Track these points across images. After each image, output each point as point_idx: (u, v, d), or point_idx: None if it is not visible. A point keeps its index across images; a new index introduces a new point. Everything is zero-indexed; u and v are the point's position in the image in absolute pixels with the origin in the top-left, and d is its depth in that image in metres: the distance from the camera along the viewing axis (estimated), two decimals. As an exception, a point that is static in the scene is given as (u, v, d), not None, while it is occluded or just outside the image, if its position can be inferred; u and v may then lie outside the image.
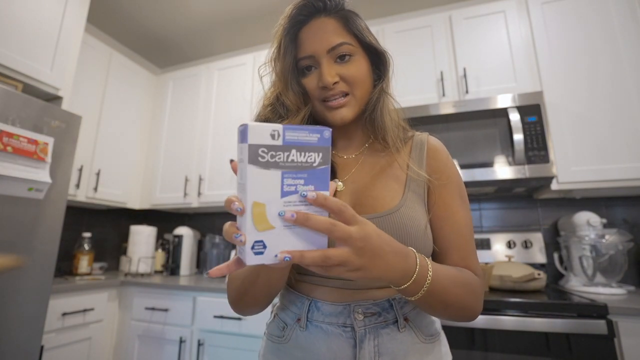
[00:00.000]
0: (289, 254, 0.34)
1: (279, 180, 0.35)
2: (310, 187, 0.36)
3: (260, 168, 0.35)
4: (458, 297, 0.47)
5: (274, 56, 0.60)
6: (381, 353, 0.49)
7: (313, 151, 0.36)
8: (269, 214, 0.35)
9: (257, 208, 0.35)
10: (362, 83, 0.56)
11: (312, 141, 0.36)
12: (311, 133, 0.36)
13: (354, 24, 0.56)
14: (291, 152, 0.35)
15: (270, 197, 0.35)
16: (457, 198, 0.57)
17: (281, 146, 0.35)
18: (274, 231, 0.35)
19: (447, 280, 0.46)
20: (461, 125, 1.58)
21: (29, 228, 1.31)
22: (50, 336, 1.49)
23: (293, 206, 0.36)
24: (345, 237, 0.35)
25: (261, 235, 0.35)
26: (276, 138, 0.35)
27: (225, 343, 1.57)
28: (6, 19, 1.45)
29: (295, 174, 0.36)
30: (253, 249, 0.35)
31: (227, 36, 2.57)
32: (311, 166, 0.36)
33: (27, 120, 1.32)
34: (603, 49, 1.52)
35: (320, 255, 0.34)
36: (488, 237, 1.74)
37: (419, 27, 1.86)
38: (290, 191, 0.36)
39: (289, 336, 0.54)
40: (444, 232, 0.56)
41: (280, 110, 0.58)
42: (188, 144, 2.30)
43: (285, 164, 0.35)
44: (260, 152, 0.34)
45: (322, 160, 0.37)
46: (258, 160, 0.34)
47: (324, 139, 0.37)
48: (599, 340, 1.06)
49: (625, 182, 1.40)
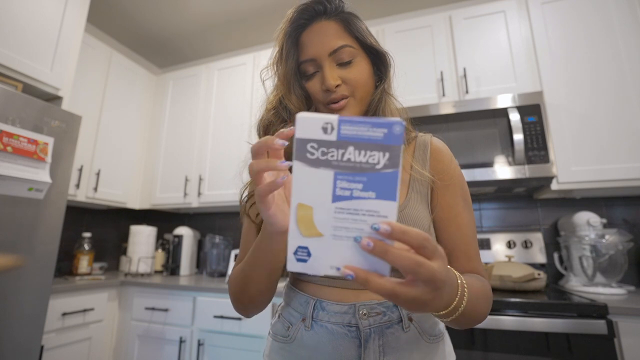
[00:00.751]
0: (352, 272, 0.30)
1: (330, 181, 0.30)
2: (371, 194, 0.30)
3: (309, 166, 0.30)
4: (483, 310, 0.47)
5: (275, 60, 0.60)
6: (386, 352, 0.50)
7: (377, 150, 0.29)
8: (316, 218, 0.31)
9: (303, 210, 0.31)
10: (364, 85, 0.56)
11: (376, 137, 0.29)
12: (375, 127, 0.29)
13: (354, 26, 0.56)
14: (347, 150, 0.29)
15: (318, 200, 0.30)
16: (460, 200, 0.57)
17: (335, 142, 0.29)
18: (322, 239, 0.31)
19: (477, 295, 0.44)
20: (461, 125, 1.58)
21: (29, 228, 1.31)
22: (50, 336, 1.49)
23: (347, 214, 0.30)
24: (428, 279, 0.29)
25: (306, 241, 0.31)
26: (329, 132, 0.29)
27: (225, 343, 1.57)
28: (6, 19, 1.45)
29: (352, 175, 0.30)
30: (296, 255, 0.32)
31: (227, 36, 2.57)
32: (374, 168, 0.29)
33: (27, 120, 1.32)
34: (603, 48, 1.52)
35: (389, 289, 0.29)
36: (488, 237, 1.74)
37: (419, 27, 1.86)
38: (345, 195, 0.30)
39: (294, 336, 0.55)
40: (448, 234, 0.56)
41: (283, 114, 0.58)
42: (188, 144, 2.30)
43: (340, 163, 0.30)
44: (309, 147, 0.30)
45: (389, 161, 0.29)
46: (306, 156, 0.30)
47: (394, 135, 0.29)
48: (599, 340, 1.06)
49: (626, 182, 1.40)
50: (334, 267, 0.31)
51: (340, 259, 0.31)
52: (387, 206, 0.30)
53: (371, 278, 0.29)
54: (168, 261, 2.21)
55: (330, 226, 0.31)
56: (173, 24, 2.44)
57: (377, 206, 0.30)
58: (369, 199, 0.30)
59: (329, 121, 0.29)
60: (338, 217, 0.31)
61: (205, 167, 2.20)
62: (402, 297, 0.30)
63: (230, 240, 2.22)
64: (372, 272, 0.30)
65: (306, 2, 0.57)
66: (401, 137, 0.29)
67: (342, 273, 0.30)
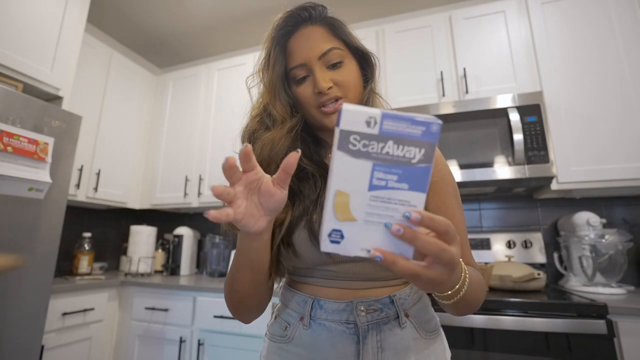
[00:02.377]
0: (381, 254, 0.32)
1: (368, 171, 0.32)
2: (404, 186, 0.32)
3: (350, 156, 0.32)
4: (479, 297, 0.50)
5: (262, 67, 0.61)
6: (384, 348, 0.51)
7: (414, 145, 0.32)
8: (352, 204, 0.33)
9: (340, 197, 0.33)
10: (354, 86, 0.57)
11: (414, 134, 0.32)
12: (414, 124, 0.31)
13: (340, 30, 0.58)
14: (387, 144, 0.32)
15: (355, 188, 0.33)
16: (453, 199, 0.59)
17: (377, 135, 0.32)
18: (355, 223, 0.33)
19: (475, 282, 0.47)
20: (461, 125, 1.58)
21: (29, 228, 1.31)
22: (51, 336, 1.49)
23: (381, 202, 0.33)
24: (449, 262, 0.33)
25: (340, 225, 0.34)
26: (372, 126, 0.31)
27: (225, 343, 1.57)
28: (6, 19, 1.45)
29: (389, 167, 0.32)
30: (330, 237, 0.34)
31: (227, 36, 2.57)
32: (409, 162, 0.32)
33: (27, 120, 1.32)
34: (603, 48, 1.52)
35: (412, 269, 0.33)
36: (488, 237, 1.74)
37: (419, 27, 1.86)
38: (380, 185, 0.33)
39: (292, 335, 0.55)
40: None
41: (267, 121, 0.59)
42: (188, 144, 2.30)
43: (379, 155, 0.32)
44: (352, 139, 0.32)
45: (424, 157, 0.32)
46: (348, 147, 0.32)
47: (431, 132, 0.32)
48: (598, 340, 1.06)
49: (625, 182, 1.40)
50: (365, 249, 0.34)
51: (370, 242, 0.34)
52: (418, 197, 0.33)
53: (397, 260, 0.32)
54: (168, 261, 2.21)
55: (364, 212, 0.33)
56: (173, 24, 2.44)
57: (409, 196, 0.33)
58: (402, 189, 0.33)
59: (373, 115, 0.31)
60: (372, 205, 0.33)
61: (205, 167, 2.20)
62: (424, 278, 0.33)
63: (230, 240, 2.22)
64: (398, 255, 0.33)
65: (291, 9, 0.58)
66: (437, 135, 0.32)
67: (371, 255, 0.33)
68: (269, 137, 0.56)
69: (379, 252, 0.33)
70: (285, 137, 0.56)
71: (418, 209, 0.33)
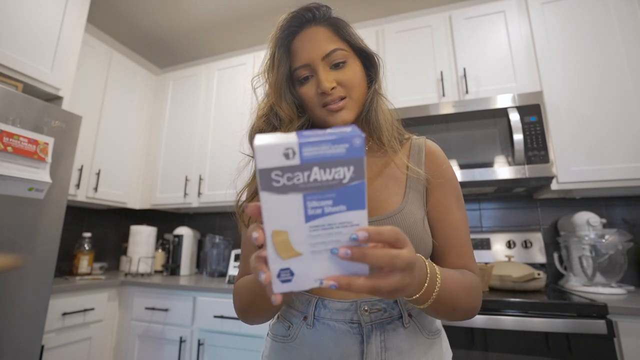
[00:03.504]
0: (335, 282, 0.32)
1: (301, 204, 0.30)
2: (342, 208, 0.31)
3: (276, 194, 0.30)
4: (464, 301, 0.49)
5: (267, 67, 0.61)
6: (387, 348, 0.51)
7: (341, 165, 0.30)
8: (293, 240, 0.31)
9: (278, 236, 0.31)
10: (358, 86, 0.57)
11: (338, 154, 0.29)
12: (336, 144, 0.29)
13: (344, 30, 0.58)
14: (312, 171, 0.29)
15: (292, 224, 0.31)
16: (453, 199, 0.59)
17: (299, 165, 0.29)
18: (301, 257, 0.32)
19: (454, 285, 0.46)
20: (461, 125, 1.58)
21: (29, 228, 1.31)
22: (51, 336, 1.49)
23: (322, 230, 0.31)
24: (405, 265, 0.33)
25: (287, 263, 0.32)
26: (291, 157, 0.29)
27: (225, 343, 1.57)
28: (6, 19, 1.45)
29: (321, 194, 0.30)
30: (279, 277, 0.32)
31: (227, 36, 2.57)
32: (341, 183, 0.30)
33: (27, 120, 1.32)
34: (603, 48, 1.52)
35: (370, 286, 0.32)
36: (488, 237, 1.74)
37: (419, 27, 1.86)
38: (317, 214, 0.31)
39: (295, 335, 0.55)
40: (441, 231, 0.57)
41: (274, 121, 0.59)
42: (188, 144, 2.30)
43: (307, 184, 0.30)
44: (274, 175, 0.29)
45: (355, 174, 0.30)
46: (272, 185, 0.29)
47: (355, 148, 0.29)
48: (598, 340, 1.06)
49: (625, 182, 1.40)
50: (317, 280, 0.33)
51: (322, 272, 0.32)
52: (359, 215, 0.31)
53: (352, 282, 0.32)
54: (168, 261, 2.21)
55: (308, 244, 0.32)
56: (173, 24, 2.44)
57: (349, 217, 0.31)
58: (341, 212, 0.31)
59: (289, 146, 0.29)
60: (314, 235, 0.31)
61: (205, 167, 2.20)
62: (385, 289, 0.33)
63: (230, 240, 2.22)
64: (352, 276, 0.32)
65: (295, 10, 0.59)
66: (362, 148, 0.29)
67: (325, 285, 0.32)
68: None
69: (332, 279, 0.32)
70: None
71: (363, 227, 0.31)
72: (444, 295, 0.43)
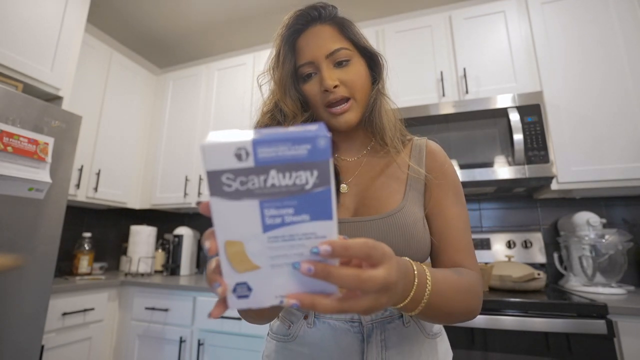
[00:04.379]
0: (297, 301, 0.28)
1: (257, 212, 0.27)
2: (305, 217, 0.27)
3: (228, 200, 0.26)
4: (460, 304, 0.46)
5: (272, 64, 0.62)
6: (388, 347, 0.51)
7: (303, 169, 0.26)
8: (249, 252, 0.28)
9: (232, 247, 0.27)
10: (361, 86, 0.58)
11: (299, 155, 0.25)
12: (296, 144, 0.25)
13: (349, 30, 0.59)
14: (269, 175, 0.26)
15: (248, 234, 0.27)
16: (450, 195, 0.58)
17: (253, 168, 0.25)
18: (260, 271, 0.28)
19: (448, 288, 0.44)
20: (461, 125, 1.58)
21: (29, 228, 1.31)
22: (51, 336, 1.49)
23: (282, 241, 0.27)
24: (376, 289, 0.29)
25: (243, 277, 0.28)
26: (244, 158, 0.25)
27: (225, 343, 1.57)
28: (6, 19, 1.45)
29: (280, 201, 0.26)
30: (235, 292, 0.28)
31: (227, 36, 2.57)
32: (303, 189, 0.26)
33: (27, 120, 1.32)
34: (603, 48, 1.52)
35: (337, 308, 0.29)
36: (488, 237, 1.74)
37: (419, 27, 1.86)
38: (276, 224, 0.27)
39: (295, 334, 0.55)
40: (436, 226, 0.57)
41: (278, 117, 0.60)
42: (188, 144, 2.30)
43: (264, 190, 0.26)
44: (225, 179, 0.25)
45: (319, 180, 0.26)
46: (223, 190, 0.26)
47: (319, 149, 0.25)
48: (598, 340, 1.06)
49: (625, 182, 1.40)
50: (279, 297, 0.29)
51: (284, 288, 0.29)
52: (324, 226, 0.27)
53: (317, 301, 0.28)
54: (168, 261, 2.21)
55: (267, 256, 0.28)
56: (173, 24, 2.44)
57: (313, 228, 0.27)
58: (303, 222, 0.27)
59: (242, 146, 0.25)
60: (273, 247, 0.28)
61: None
62: (354, 310, 0.29)
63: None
64: (317, 295, 0.28)
65: (301, 8, 0.59)
66: (328, 150, 0.25)
67: (286, 303, 0.28)
68: None
69: (294, 298, 0.28)
70: None
71: (328, 239, 0.27)
72: (436, 300, 0.40)
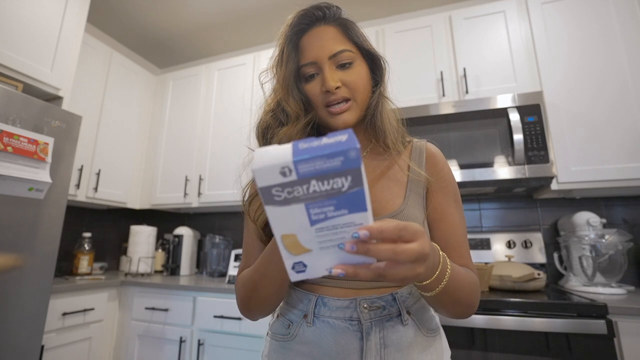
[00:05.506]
0: (342, 270, 0.35)
1: (303, 212, 0.32)
2: (344, 212, 0.32)
3: (279, 206, 0.32)
4: (466, 295, 0.50)
5: (275, 63, 0.62)
6: (387, 345, 0.52)
7: (338, 176, 0.30)
8: (301, 240, 0.34)
9: (288, 238, 0.34)
10: (362, 88, 0.58)
11: (334, 167, 0.30)
12: (330, 158, 0.29)
13: (352, 32, 0.59)
14: (310, 184, 0.30)
15: (299, 227, 0.33)
16: (453, 201, 0.60)
17: (297, 180, 0.30)
18: (311, 253, 0.35)
19: (461, 278, 0.48)
20: (461, 125, 1.58)
21: (29, 228, 1.31)
22: (51, 336, 1.49)
23: (327, 231, 0.34)
24: (411, 259, 0.34)
25: (299, 258, 0.35)
26: (288, 175, 0.30)
27: (225, 343, 1.57)
28: (6, 19, 1.45)
29: (322, 202, 0.32)
30: (294, 269, 0.36)
31: (227, 36, 2.57)
32: (340, 192, 0.31)
33: (27, 120, 1.32)
34: (603, 48, 1.52)
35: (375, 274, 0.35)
36: (488, 237, 1.74)
37: (419, 27, 1.86)
38: (320, 219, 0.33)
39: (294, 333, 0.56)
40: (441, 233, 0.58)
41: (281, 117, 0.60)
42: (188, 144, 2.30)
43: (307, 195, 0.31)
44: (274, 192, 0.31)
45: (353, 183, 0.31)
46: (274, 200, 0.31)
47: (350, 160, 0.29)
48: (598, 340, 1.06)
49: (625, 182, 1.40)
50: (328, 269, 0.36)
51: (331, 262, 0.36)
52: (361, 216, 0.33)
53: (358, 271, 0.35)
54: (168, 261, 2.21)
55: (316, 242, 0.34)
56: (173, 24, 2.44)
57: (352, 219, 0.33)
58: (343, 215, 0.33)
59: (285, 165, 0.29)
60: (320, 235, 0.34)
61: (205, 167, 2.20)
62: (392, 278, 0.36)
63: (230, 240, 2.22)
64: (358, 265, 0.35)
65: (306, 8, 0.59)
66: (358, 159, 0.29)
67: (334, 273, 0.35)
68: (285, 132, 0.57)
69: (340, 268, 0.35)
70: (301, 133, 0.57)
71: (365, 225, 0.33)
72: (451, 285, 0.45)
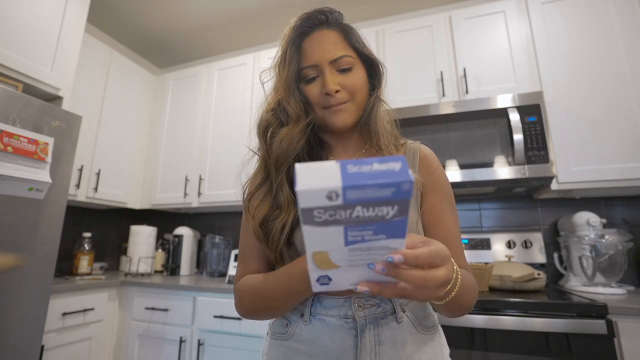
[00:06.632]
0: (367, 288, 0.36)
1: (341, 234, 0.31)
2: (382, 237, 0.32)
3: (318, 227, 0.30)
4: (470, 298, 0.53)
5: (277, 63, 0.63)
6: (381, 342, 0.53)
7: (385, 205, 0.29)
8: (332, 258, 0.34)
9: (319, 255, 0.34)
10: (361, 91, 0.60)
11: (384, 196, 0.28)
12: (382, 188, 0.27)
13: (353, 37, 0.61)
14: (355, 209, 0.29)
15: (332, 247, 0.33)
16: (447, 204, 0.61)
17: (342, 205, 0.28)
18: (339, 269, 0.35)
19: (465, 284, 0.50)
20: (461, 125, 1.58)
21: (29, 228, 1.31)
22: (51, 336, 1.49)
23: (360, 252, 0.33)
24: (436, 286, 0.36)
25: (325, 272, 0.36)
26: (334, 199, 0.28)
27: (225, 343, 1.57)
28: (6, 19, 1.45)
29: (362, 226, 0.31)
30: (318, 281, 0.37)
31: (227, 36, 2.57)
32: (383, 219, 0.30)
33: (27, 120, 1.32)
34: (603, 48, 1.52)
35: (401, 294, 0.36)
36: (488, 237, 1.74)
37: (419, 27, 1.86)
38: (356, 240, 0.32)
39: (292, 332, 0.57)
40: (436, 235, 0.59)
41: (281, 116, 0.61)
42: (188, 144, 2.30)
43: (349, 219, 0.30)
44: (316, 213, 0.29)
45: (398, 212, 0.29)
46: (314, 220, 0.30)
47: (402, 191, 0.28)
48: (598, 340, 1.06)
49: (625, 182, 1.40)
50: (353, 285, 0.37)
51: (357, 279, 0.37)
52: (397, 242, 0.33)
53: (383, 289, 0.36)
54: (168, 261, 2.21)
55: (347, 260, 0.34)
56: (173, 24, 2.44)
57: (387, 243, 0.33)
58: (380, 240, 0.32)
59: (334, 190, 0.28)
60: (352, 254, 0.34)
61: (205, 167, 2.20)
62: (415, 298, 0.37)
63: (230, 240, 2.22)
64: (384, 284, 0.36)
65: (309, 12, 0.61)
66: (410, 191, 0.28)
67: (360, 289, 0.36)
68: (287, 132, 0.59)
69: (367, 286, 0.36)
70: (301, 134, 0.59)
71: (400, 250, 0.33)
72: (459, 293, 0.47)
